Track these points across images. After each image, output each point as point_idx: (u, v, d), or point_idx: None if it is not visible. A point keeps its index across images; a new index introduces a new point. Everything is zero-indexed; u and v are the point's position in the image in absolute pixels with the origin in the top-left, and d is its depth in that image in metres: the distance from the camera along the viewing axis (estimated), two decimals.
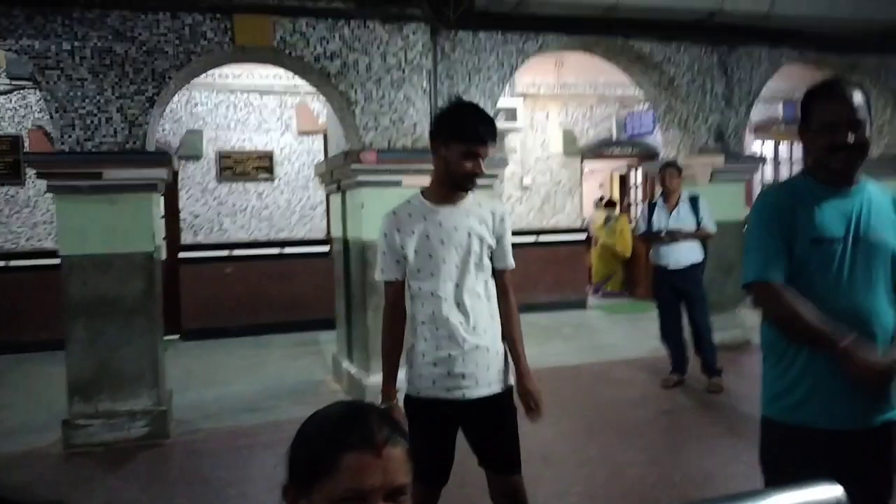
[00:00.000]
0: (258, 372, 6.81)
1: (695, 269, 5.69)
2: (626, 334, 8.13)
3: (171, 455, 4.67)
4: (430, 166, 5.33)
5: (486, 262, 2.46)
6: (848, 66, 7.39)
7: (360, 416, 1.16)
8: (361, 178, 5.20)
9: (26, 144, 7.70)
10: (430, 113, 5.53)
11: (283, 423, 5.15)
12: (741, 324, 6.85)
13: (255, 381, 6.46)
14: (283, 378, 6.50)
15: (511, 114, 8.86)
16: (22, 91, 7.70)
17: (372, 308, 5.31)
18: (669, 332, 5.84)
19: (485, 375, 2.42)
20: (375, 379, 5.27)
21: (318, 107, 8.40)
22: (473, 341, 2.40)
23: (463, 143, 2.31)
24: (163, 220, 7.68)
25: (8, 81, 7.47)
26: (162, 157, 4.83)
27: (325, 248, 8.29)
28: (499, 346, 2.49)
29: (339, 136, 5.72)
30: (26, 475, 4.25)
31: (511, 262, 2.53)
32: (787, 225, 1.97)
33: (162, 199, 5.58)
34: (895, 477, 1.98)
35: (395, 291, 2.48)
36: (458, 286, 2.40)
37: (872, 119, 2.02)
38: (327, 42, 5.16)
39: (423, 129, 5.47)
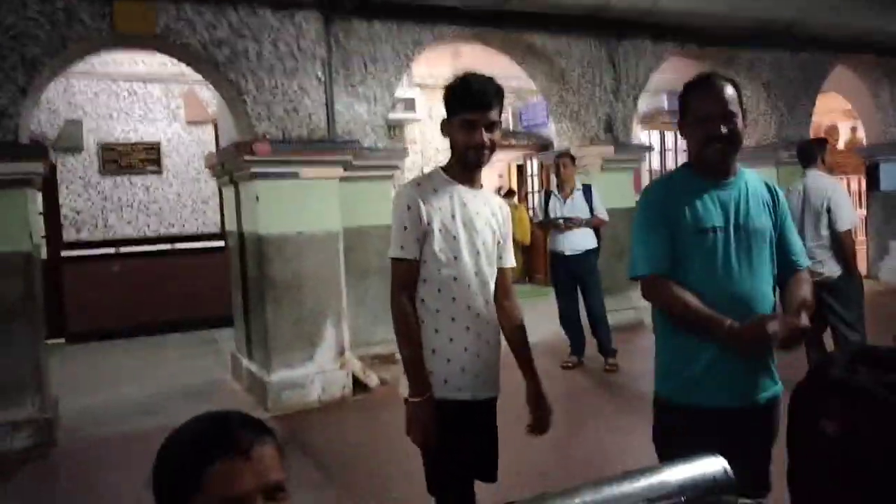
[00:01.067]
0: (152, 374, 6.52)
1: (589, 254, 5.89)
2: (527, 319, 8.26)
3: (60, 465, 4.41)
4: (330, 157, 5.35)
5: (496, 255, 2.29)
6: (725, 60, 7.82)
7: (220, 424, 1.14)
8: (255, 169, 5.05)
9: None
10: (326, 103, 5.44)
11: (175, 426, 4.96)
12: (634, 305, 7.15)
13: (149, 383, 6.18)
14: (180, 379, 6.25)
15: (410, 104, 8.86)
16: None
17: (271, 302, 5.18)
18: (567, 316, 6.02)
19: (494, 375, 2.29)
20: (277, 376, 5.17)
21: (208, 95, 8.07)
22: (497, 337, 2.28)
23: (461, 112, 2.13)
24: (41, 217, 7.24)
25: None
26: (36, 150, 4.52)
27: (220, 243, 8.00)
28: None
29: (230, 126, 5.53)
30: None
31: (513, 261, 2.38)
32: (670, 218, 2.06)
33: (39, 194, 5.23)
34: (773, 451, 2.11)
35: (412, 273, 2.17)
36: (477, 275, 2.20)
37: (745, 112, 2.14)
38: (214, 28, 4.96)
39: (320, 119, 5.38)
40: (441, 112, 2.19)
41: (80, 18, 4.58)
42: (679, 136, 2.25)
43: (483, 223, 2.22)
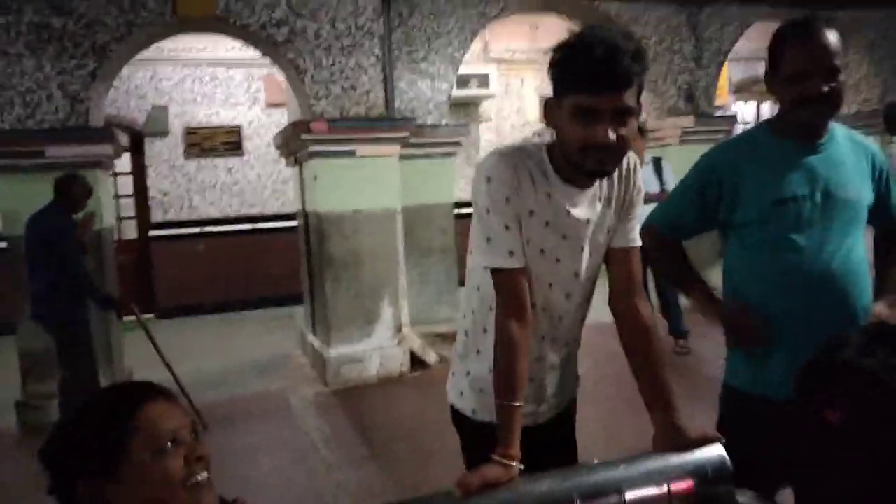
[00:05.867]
0: (228, 348, 6.79)
1: None
2: (594, 300, 8.06)
3: None
4: (387, 135, 5.34)
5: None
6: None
7: (127, 385, 1.25)
8: (313, 148, 5.11)
9: None
10: (385, 80, 5.42)
11: (241, 398, 5.16)
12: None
13: (224, 357, 6.44)
14: (252, 353, 6.47)
15: (483, 80, 8.72)
16: None
17: (330, 279, 5.25)
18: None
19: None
20: (336, 351, 5.25)
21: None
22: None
23: (574, 92, 1.41)
24: (117, 200, 7.66)
25: None
26: (104, 134, 4.74)
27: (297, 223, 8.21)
28: None
29: (295, 106, 5.62)
30: None
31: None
32: (727, 185, 1.85)
33: (110, 176, 5.50)
34: None
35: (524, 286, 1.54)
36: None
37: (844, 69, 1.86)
38: (273, 9, 5.03)
39: (378, 97, 5.36)
40: (518, 88, 1.85)
41: (144, 4, 4.75)
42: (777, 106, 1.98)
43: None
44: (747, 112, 10.83)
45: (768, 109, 11.00)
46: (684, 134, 6.76)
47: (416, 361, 5.49)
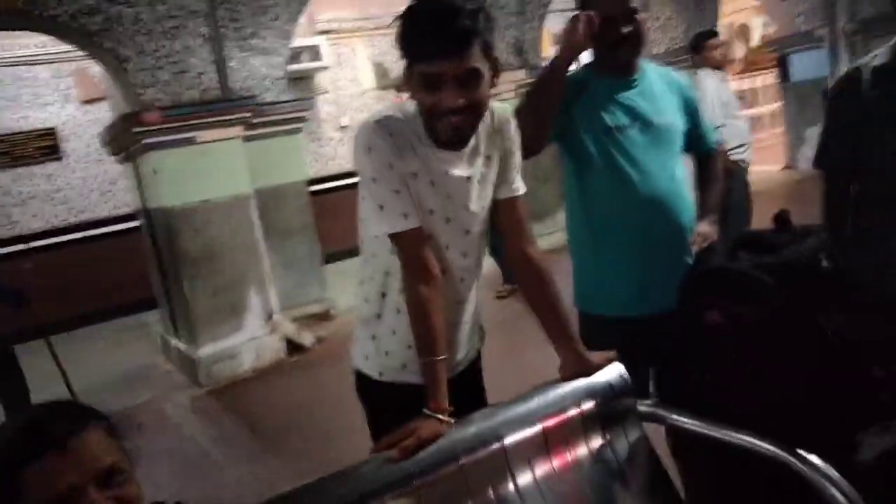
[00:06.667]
0: (80, 369, 6.24)
1: None
2: None
3: None
4: (225, 118, 5.08)
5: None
6: None
7: (30, 423, 1.08)
8: (147, 140, 4.77)
9: None
10: (216, 61, 5.14)
11: (116, 415, 4.80)
12: (562, 227, 7.11)
13: (78, 378, 5.91)
14: (109, 370, 6.02)
15: (314, 52, 8.50)
16: None
17: (187, 277, 4.98)
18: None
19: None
20: (205, 350, 5.02)
21: (101, 71, 7.60)
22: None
23: (417, 61, 1.42)
24: None
25: None
26: None
27: (136, 223, 7.66)
28: None
29: (120, 98, 5.19)
30: None
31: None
32: (564, 120, 1.96)
33: None
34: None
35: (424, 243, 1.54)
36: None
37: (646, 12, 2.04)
38: None
39: (211, 78, 5.09)
40: (350, 57, 1.82)
41: None
42: None
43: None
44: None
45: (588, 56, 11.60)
46: (519, 88, 6.99)
47: (293, 347, 5.35)
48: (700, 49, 4.74)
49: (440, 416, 1.41)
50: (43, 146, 7.67)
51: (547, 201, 7.00)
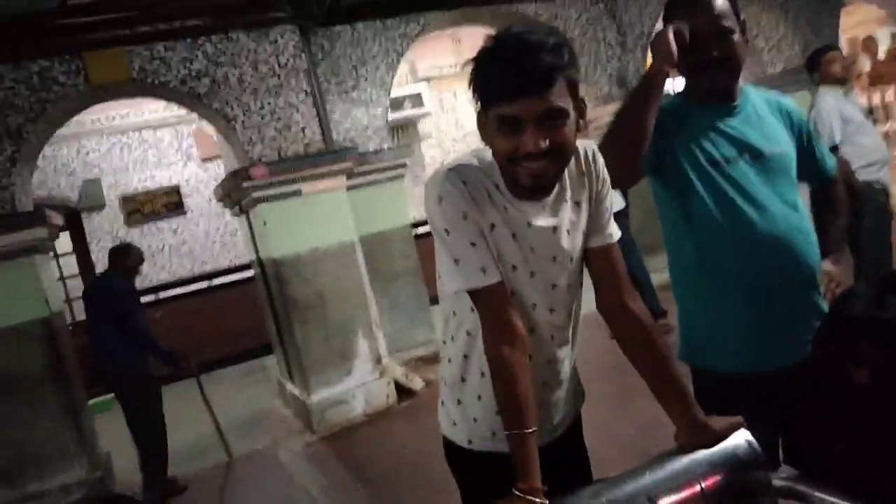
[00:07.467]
0: (205, 412, 6.54)
1: (618, 216, 5.60)
2: None
3: None
4: (328, 169, 5.23)
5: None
6: None
7: None
8: (256, 194, 4.97)
9: None
10: (318, 114, 5.32)
11: (233, 462, 4.96)
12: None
13: (202, 423, 6.18)
14: (231, 414, 6.22)
15: (417, 99, 8.71)
16: None
17: (297, 323, 5.10)
18: None
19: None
20: (318, 396, 5.09)
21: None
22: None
23: (493, 103, 1.30)
24: (63, 282, 7.37)
25: None
26: (35, 217, 4.49)
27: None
28: None
29: (231, 155, 5.48)
30: None
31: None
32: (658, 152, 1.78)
33: (51, 259, 5.28)
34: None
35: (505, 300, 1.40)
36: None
37: (744, 22, 1.80)
38: (190, 62, 4.89)
39: (314, 132, 5.26)
40: (452, 101, 1.68)
41: (55, 78, 4.57)
42: None
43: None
44: (678, 86, 11.00)
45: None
46: None
47: (402, 390, 5.35)
48: (817, 65, 4.41)
49: (532, 498, 1.23)
50: (169, 203, 8.23)
51: (659, 237, 6.71)
